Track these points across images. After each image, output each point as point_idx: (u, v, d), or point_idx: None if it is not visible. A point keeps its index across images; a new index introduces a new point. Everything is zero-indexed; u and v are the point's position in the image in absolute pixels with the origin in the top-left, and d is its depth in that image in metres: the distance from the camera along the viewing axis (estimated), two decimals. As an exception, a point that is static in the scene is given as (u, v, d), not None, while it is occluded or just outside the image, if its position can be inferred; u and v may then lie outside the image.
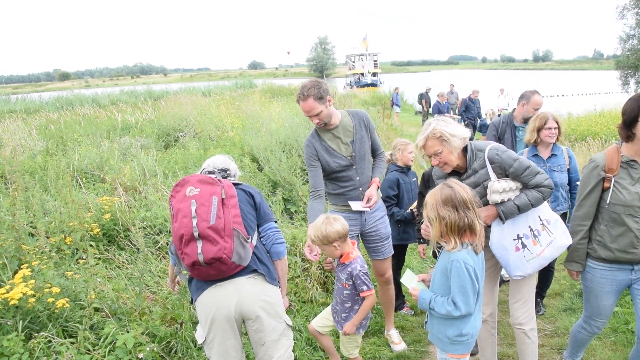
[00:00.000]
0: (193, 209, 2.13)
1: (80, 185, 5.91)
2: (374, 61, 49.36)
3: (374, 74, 45.19)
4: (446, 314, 2.12)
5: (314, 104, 3.00)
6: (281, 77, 75.89)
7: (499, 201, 2.44)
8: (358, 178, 3.22)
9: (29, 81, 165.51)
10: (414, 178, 4.09)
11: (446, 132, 2.43)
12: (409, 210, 3.90)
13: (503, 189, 2.42)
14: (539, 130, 3.59)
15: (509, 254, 2.52)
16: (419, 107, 20.48)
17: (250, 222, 2.37)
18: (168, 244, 4.12)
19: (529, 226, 2.52)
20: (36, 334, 2.66)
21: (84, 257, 3.71)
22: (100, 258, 3.93)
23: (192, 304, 2.40)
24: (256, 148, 7.73)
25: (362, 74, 44.52)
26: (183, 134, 11.01)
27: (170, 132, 11.40)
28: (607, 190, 2.45)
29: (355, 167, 3.20)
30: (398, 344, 3.52)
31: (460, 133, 2.45)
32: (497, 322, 3.23)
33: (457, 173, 2.58)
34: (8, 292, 2.62)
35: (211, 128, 10.84)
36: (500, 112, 12.50)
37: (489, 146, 2.50)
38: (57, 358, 2.53)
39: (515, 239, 2.52)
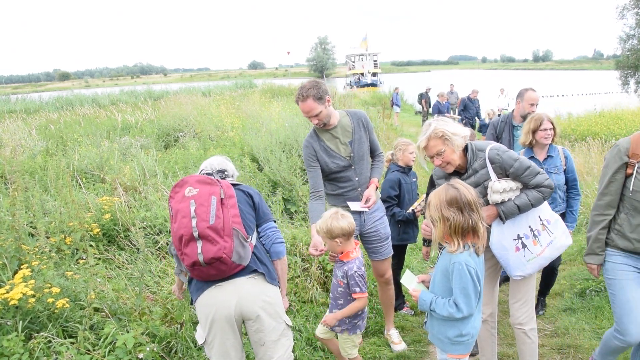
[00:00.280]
0: (192, 209, 2.13)
1: (80, 185, 5.90)
2: (374, 61, 49.34)
3: (374, 74, 45.17)
4: (448, 316, 2.11)
5: (313, 105, 3.00)
6: (281, 77, 75.87)
7: (499, 201, 2.45)
8: (357, 178, 3.22)
9: (29, 81, 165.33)
10: (415, 178, 4.09)
11: (448, 131, 2.43)
12: (410, 210, 3.90)
13: (503, 189, 2.42)
14: (534, 131, 3.53)
15: (509, 254, 2.53)
16: (419, 107, 20.48)
17: (249, 222, 2.37)
18: (168, 244, 4.12)
19: (529, 226, 2.53)
20: (36, 334, 2.65)
21: (84, 257, 3.71)
22: (100, 258, 3.93)
23: (192, 305, 2.40)
24: (256, 148, 7.73)
25: (362, 74, 44.50)
26: (183, 134, 11.01)
27: (170, 132, 11.39)
28: (630, 177, 2.36)
29: (354, 168, 3.20)
30: (398, 344, 3.53)
31: (460, 132, 2.45)
32: (497, 322, 3.23)
33: (458, 173, 2.58)
34: (8, 292, 2.62)
35: (211, 128, 10.84)
36: (500, 112, 12.51)
37: (490, 146, 2.50)
38: (57, 358, 2.53)
39: (515, 239, 2.52)
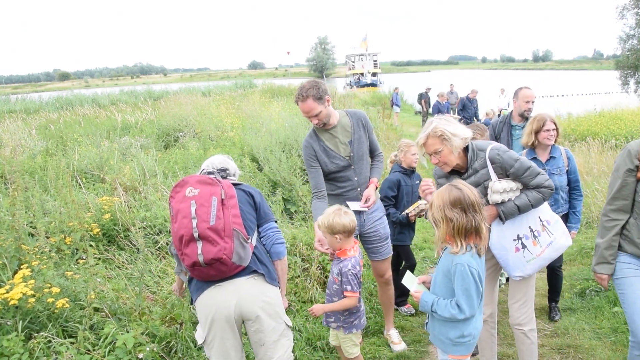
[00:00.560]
0: (193, 210, 2.13)
1: (80, 185, 5.90)
2: (374, 61, 49.36)
3: (374, 74, 45.19)
4: (450, 317, 2.11)
5: (313, 105, 3.00)
6: (281, 77, 75.86)
7: (499, 201, 2.45)
8: (356, 178, 3.22)
9: (29, 81, 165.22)
10: (418, 181, 4.01)
11: (447, 131, 2.42)
12: (404, 213, 3.85)
13: (504, 189, 2.42)
14: (537, 132, 3.49)
15: (509, 254, 2.52)
16: (419, 107, 20.49)
17: (250, 223, 2.37)
18: (168, 244, 4.12)
19: (529, 227, 2.52)
20: (36, 334, 2.65)
21: (84, 257, 3.71)
22: (100, 258, 3.93)
23: (192, 305, 2.40)
24: (256, 148, 7.74)
25: (362, 74, 44.50)
26: (183, 134, 11.01)
27: (170, 132, 11.40)
28: None
29: (353, 168, 3.20)
30: (398, 344, 3.52)
31: (461, 133, 2.44)
32: (497, 322, 3.23)
33: (458, 172, 2.58)
34: (8, 292, 2.62)
35: (211, 128, 10.84)
36: (499, 112, 12.52)
37: (490, 146, 2.49)
38: (57, 358, 2.53)
39: (515, 240, 2.52)
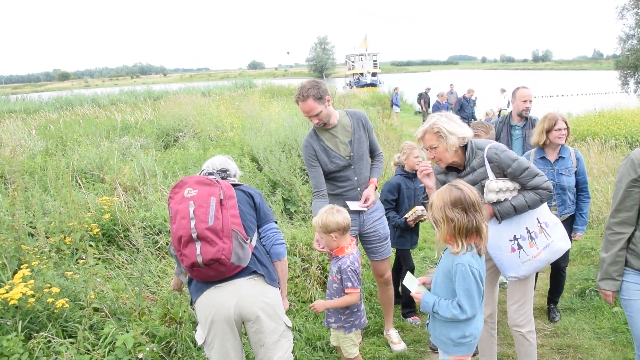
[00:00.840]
0: (191, 210, 2.13)
1: (79, 185, 5.90)
2: (374, 61, 49.34)
3: (374, 74, 45.17)
4: (452, 318, 2.10)
5: (314, 104, 3.00)
6: (281, 77, 75.85)
7: (495, 200, 2.44)
8: (356, 178, 3.22)
9: (29, 81, 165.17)
10: (420, 184, 3.86)
11: (444, 129, 2.43)
12: (404, 218, 3.77)
13: (500, 189, 2.41)
14: (548, 131, 3.45)
15: (504, 255, 2.51)
16: (419, 107, 20.51)
17: (249, 223, 2.36)
18: (168, 245, 4.12)
19: (526, 228, 2.51)
20: (36, 334, 2.65)
21: (84, 257, 3.71)
22: (99, 258, 3.93)
23: (192, 306, 2.40)
24: (256, 148, 7.73)
25: (362, 74, 44.50)
26: (183, 134, 11.01)
27: (169, 132, 11.40)
28: None
29: (353, 167, 3.21)
30: (397, 344, 3.52)
31: (459, 132, 2.44)
32: (497, 322, 3.22)
33: (457, 170, 2.59)
34: (8, 292, 2.62)
35: (211, 128, 10.85)
36: (499, 112, 12.53)
37: (489, 145, 2.49)
38: (57, 358, 2.53)
39: (511, 240, 2.51)
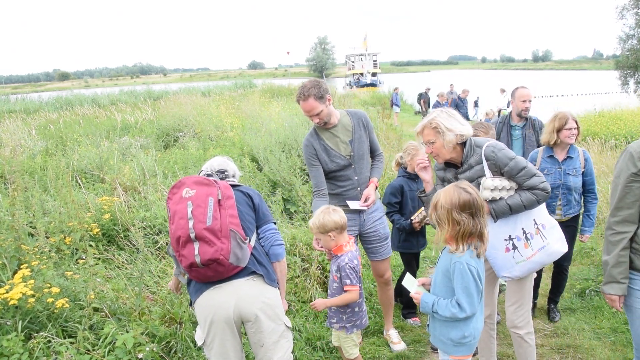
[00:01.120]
0: (189, 211, 2.13)
1: (79, 185, 5.90)
2: (374, 61, 49.34)
3: (374, 74, 45.18)
4: (451, 317, 2.10)
5: (315, 104, 3.01)
6: (281, 77, 75.86)
7: (489, 198, 2.43)
8: (356, 177, 3.22)
9: (29, 81, 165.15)
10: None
11: (442, 125, 2.44)
12: (409, 220, 3.71)
13: (495, 187, 2.41)
14: (559, 130, 3.44)
15: (498, 254, 2.51)
16: (419, 107, 20.50)
17: (248, 224, 2.36)
18: (167, 245, 4.12)
19: (522, 228, 2.50)
20: (36, 334, 2.65)
21: (84, 257, 3.71)
22: (99, 258, 3.93)
23: (191, 306, 2.40)
24: (256, 148, 7.73)
25: (362, 74, 44.50)
26: (183, 134, 11.02)
27: (169, 132, 11.40)
28: None
29: (353, 167, 3.21)
30: (397, 344, 3.52)
31: (457, 129, 2.44)
32: (497, 323, 3.23)
33: (455, 166, 2.60)
34: (8, 292, 2.62)
35: (211, 128, 10.85)
36: (499, 112, 12.54)
37: (487, 143, 2.50)
38: (57, 358, 2.53)
39: (506, 240, 2.50)
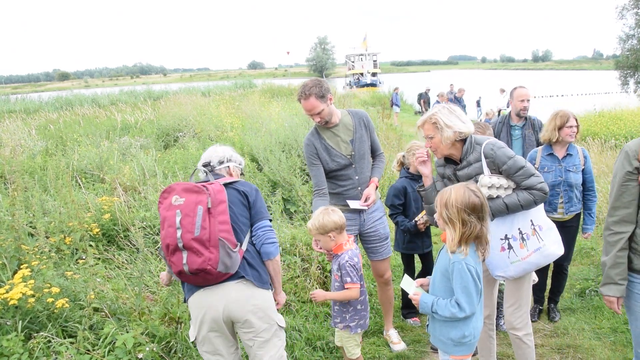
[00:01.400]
0: (177, 220, 2.13)
1: (79, 185, 5.91)
2: (374, 61, 49.35)
3: (374, 74, 45.19)
4: (450, 316, 2.10)
5: (316, 103, 3.01)
6: (281, 77, 75.83)
7: (486, 196, 2.43)
8: (357, 177, 3.22)
9: (29, 81, 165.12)
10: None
11: (441, 121, 2.44)
12: (414, 221, 3.69)
13: (492, 185, 2.41)
14: (560, 128, 3.48)
15: (493, 253, 2.50)
16: (419, 107, 20.51)
17: (241, 225, 2.33)
18: (158, 249, 4.12)
19: (519, 228, 2.49)
20: (36, 334, 2.66)
21: (84, 257, 3.71)
22: (99, 258, 3.93)
23: (185, 303, 2.44)
24: (256, 148, 7.74)
25: (362, 74, 44.51)
26: (183, 134, 11.02)
27: (169, 132, 11.41)
28: None
29: (354, 166, 3.21)
30: (397, 344, 3.52)
31: (456, 126, 2.44)
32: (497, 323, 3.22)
33: (454, 163, 2.60)
34: (8, 292, 2.62)
35: (211, 128, 10.85)
36: (499, 112, 12.55)
37: (487, 141, 2.50)
38: (57, 358, 2.53)
39: (502, 239, 2.50)
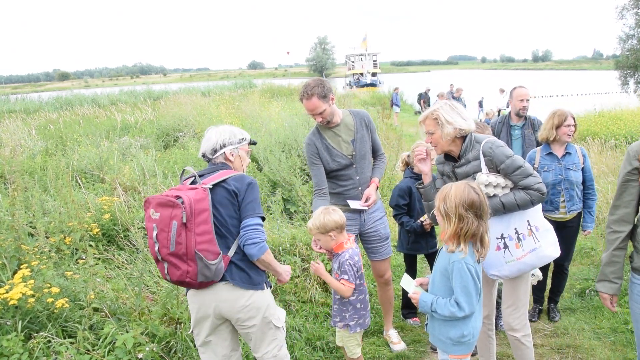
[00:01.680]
0: (154, 234, 2.15)
1: (79, 185, 5.90)
2: (374, 61, 49.36)
3: (374, 74, 45.20)
4: (450, 316, 2.10)
5: (318, 103, 3.02)
6: (281, 77, 75.81)
7: None
8: (358, 177, 3.22)
9: (29, 81, 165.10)
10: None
11: (442, 117, 2.45)
12: (419, 221, 3.67)
13: (489, 183, 2.41)
14: (558, 127, 3.49)
15: (488, 251, 2.51)
16: (419, 107, 20.51)
17: (230, 227, 2.29)
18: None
19: (515, 228, 2.49)
20: (36, 334, 2.66)
21: (84, 257, 3.71)
22: (99, 258, 3.93)
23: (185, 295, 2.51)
24: (255, 148, 7.73)
25: (362, 74, 44.53)
26: (182, 134, 11.02)
27: (169, 132, 11.42)
28: None
29: (355, 166, 3.21)
30: (397, 344, 3.52)
31: (457, 122, 2.45)
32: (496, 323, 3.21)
33: (454, 159, 2.61)
34: (7, 292, 2.62)
35: (211, 128, 10.83)
36: (499, 112, 12.55)
37: (486, 139, 2.51)
38: (57, 358, 2.53)
39: (498, 238, 2.50)
